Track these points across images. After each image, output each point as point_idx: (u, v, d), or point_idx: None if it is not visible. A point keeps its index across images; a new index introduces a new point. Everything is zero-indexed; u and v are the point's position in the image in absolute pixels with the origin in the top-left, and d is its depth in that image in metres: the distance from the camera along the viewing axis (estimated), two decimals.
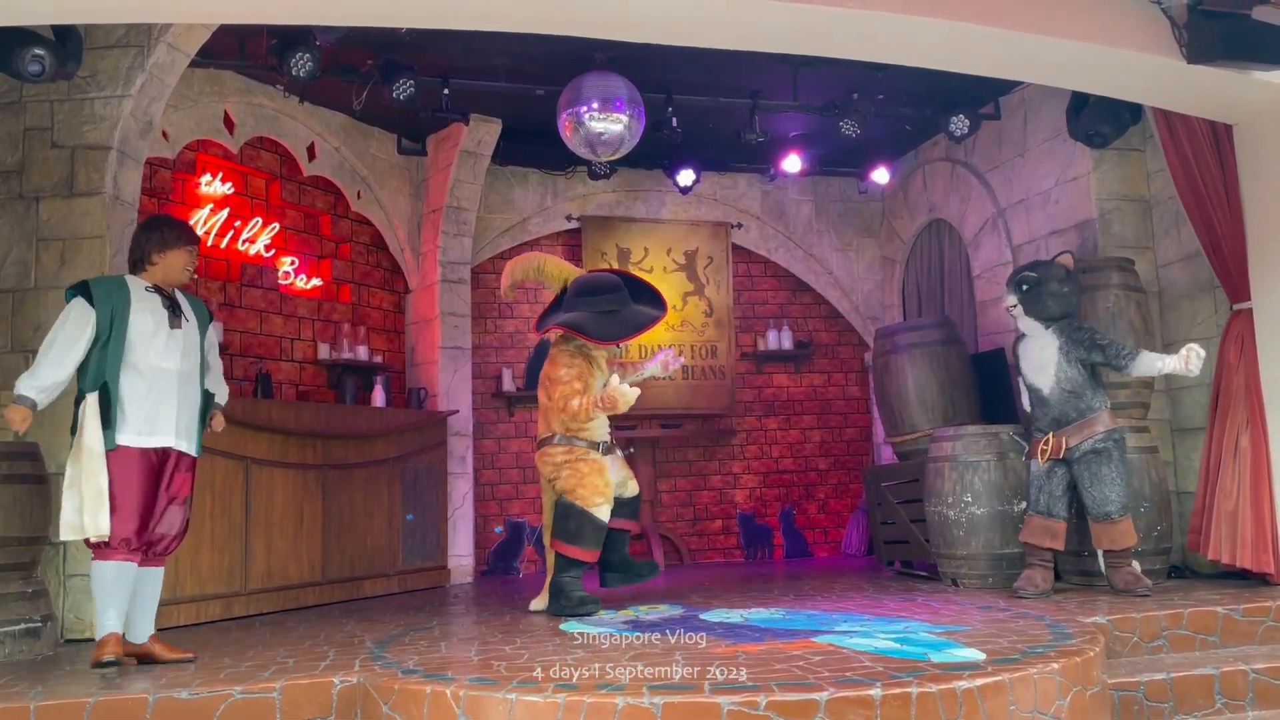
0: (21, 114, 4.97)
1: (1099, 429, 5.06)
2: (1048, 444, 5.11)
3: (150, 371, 4.01)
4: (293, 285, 6.87)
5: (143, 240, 4.16)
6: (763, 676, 3.17)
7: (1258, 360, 5.20)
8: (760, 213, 8.57)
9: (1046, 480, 5.14)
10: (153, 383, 4.01)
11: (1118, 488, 5.01)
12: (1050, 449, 5.10)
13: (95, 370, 3.94)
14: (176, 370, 4.08)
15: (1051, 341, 5.15)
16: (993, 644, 3.65)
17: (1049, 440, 5.11)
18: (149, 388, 3.99)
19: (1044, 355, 5.16)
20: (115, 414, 3.93)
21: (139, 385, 3.98)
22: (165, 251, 4.14)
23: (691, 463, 8.38)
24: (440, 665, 3.64)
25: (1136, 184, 6.19)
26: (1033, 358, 5.22)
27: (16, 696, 3.39)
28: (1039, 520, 5.14)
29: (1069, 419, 5.09)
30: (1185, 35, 4.49)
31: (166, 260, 4.15)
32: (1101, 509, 5.01)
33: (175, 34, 5.00)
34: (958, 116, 6.62)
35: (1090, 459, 5.04)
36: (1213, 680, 3.91)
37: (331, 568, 6.06)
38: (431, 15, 4.19)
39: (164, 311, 4.10)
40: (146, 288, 4.12)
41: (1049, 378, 5.14)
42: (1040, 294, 5.13)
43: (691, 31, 4.40)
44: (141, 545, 3.97)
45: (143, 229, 4.22)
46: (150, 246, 4.14)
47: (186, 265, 4.21)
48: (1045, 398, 5.16)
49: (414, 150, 7.52)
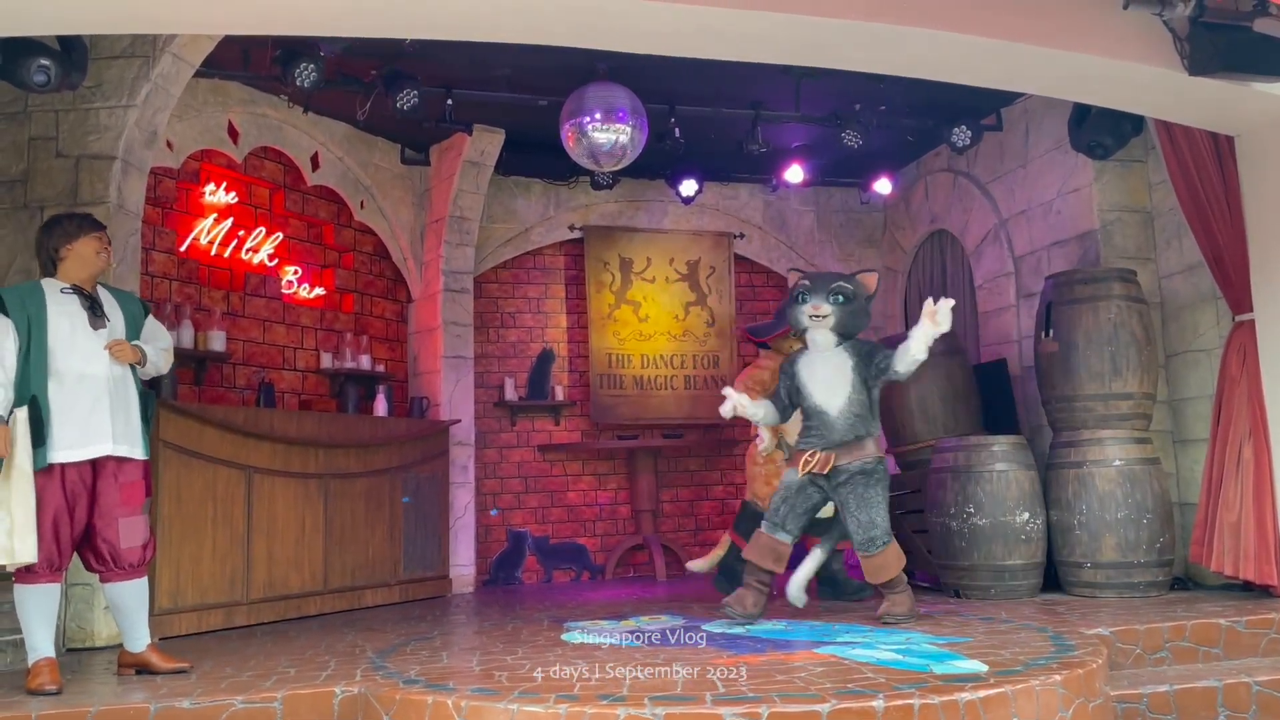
0: (26, 123, 4.99)
1: (869, 454, 4.74)
2: (814, 456, 4.72)
3: (75, 378, 3.81)
4: (296, 295, 6.88)
5: (45, 239, 3.97)
6: (764, 687, 3.16)
7: (1260, 371, 5.19)
8: (762, 223, 8.59)
9: (797, 494, 4.77)
10: (81, 390, 3.81)
11: (883, 512, 4.73)
12: (816, 463, 4.71)
13: (20, 383, 3.72)
14: (105, 375, 3.87)
15: (845, 361, 4.78)
16: (995, 655, 3.64)
17: (816, 454, 4.72)
18: (77, 396, 3.79)
19: (838, 376, 4.76)
20: (47, 429, 3.73)
21: (67, 394, 3.78)
22: (71, 243, 3.94)
23: (693, 473, 8.38)
24: (442, 675, 3.64)
25: (1138, 195, 6.20)
26: (823, 377, 4.79)
27: (18, 705, 3.39)
28: (767, 539, 4.76)
29: (846, 443, 4.74)
30: (1186, 47, 4.50)
31: (76, 251, 3.94)
32: (868, 533, 4.68)
33: (180, 44, 5.02)
34: (960, 127, 6.63)
35: (859, 480, 4.71)
36: (1216, 693, 3.90)
37: (333, 577, 6.05)
38: (435, 26, 4.20)
39: (83, 312, 3.90)
40: (63, 289, 3.90)
41: (841, 399, 4.74)
42: (853, 309, 4.76)
43: (694, 43, 4.41)
44: (64, 566, 3.80)
45: (43, 229, 4.03)
46: (54, 242, 3.94)
47: (99, 252, 3.97)
48: (831, 420, 4.74)
49: (417, 160, 7.55)
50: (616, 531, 8.11)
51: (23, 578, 3.75)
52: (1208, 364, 5.72)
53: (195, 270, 6.28)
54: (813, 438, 4.80)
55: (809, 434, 4.84)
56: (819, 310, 4.73)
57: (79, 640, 4.70)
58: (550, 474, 8.04)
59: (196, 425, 5.27)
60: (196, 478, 5.23)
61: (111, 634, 4.75)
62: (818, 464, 4.71)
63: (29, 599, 3.76)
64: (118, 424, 3.90)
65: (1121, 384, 5.56)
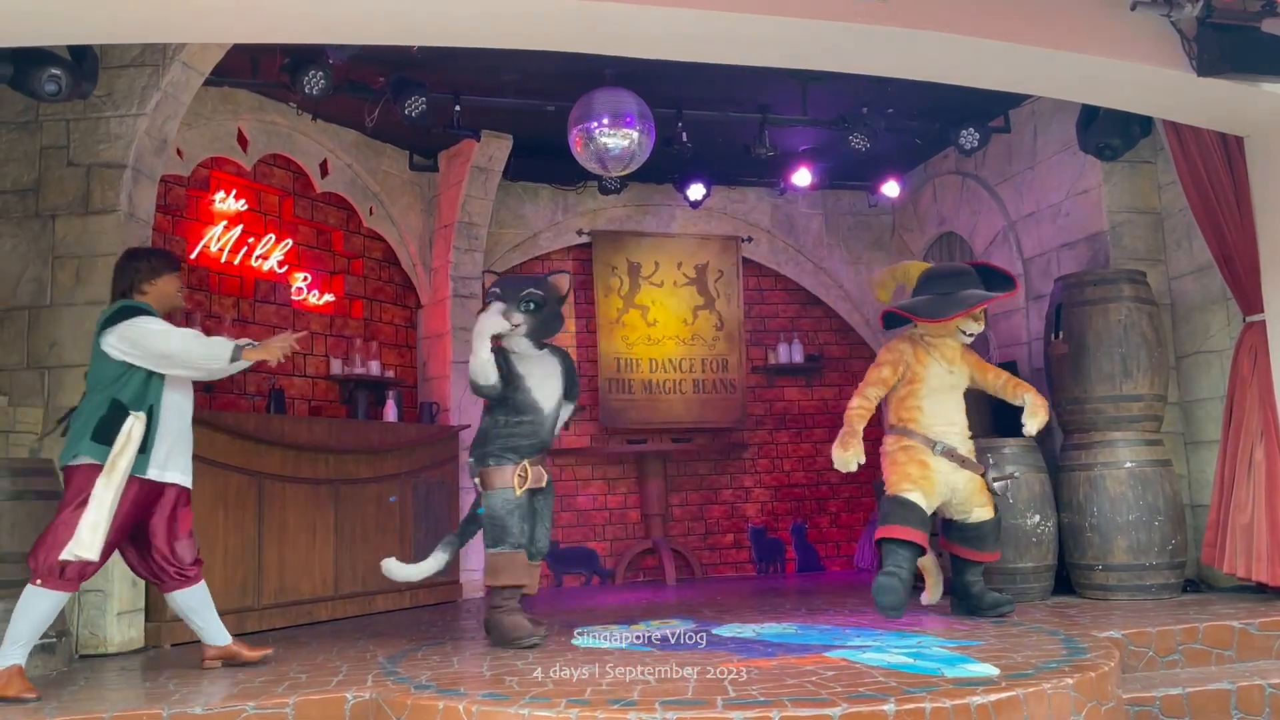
0: (38, 133, 5.02)
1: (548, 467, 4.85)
2: (525, 473, 4.62)
3: (173, 407, 4.05)
4: (305, 301, 6.90)
5: (130, 273, 4.13)
6: (775, 692, 3.16)
7: (1271, 372, 5.17)
8: (770, 226, 8.58)
9: (529, 513, 4.66)
10: (172, 416, 4.04)
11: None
12: (530, 479, 4.64)
13: (141, 392, 3.93)
14: (189, 407, 4.15)
15: (555, 366, 4.82)
16: (1007, 659, 3.63)
17: (526, 469, 4.63)
18: (170, 420, 4.02)
19: (551, 380, 4.78)
20: (151, 442, 3.93)
21: (168, 419, 4.02)
22: (155, 280, 4.14)
23: (703, 476, 8.37)
24: (453, 681, 3.64)
25: (1147, 196, 6.18)
26: (540, 375, 4.76)
27: (32, 713, 3.41)
28: (523, 558, 4.59)
29: (546, 448, 4.77)
30: (1194, 48, 4.49)
31: (158, 288, 4.14)
32: (540, 545, 4.75)
33: (189, 53, 5.04)
34: (967, 130, 6.62)
35: (548, 491, 4.81)
36: (1229, 695, 3.89)
37: (344, 583, 6.06)
38: (443, 34, 4.22)
39: None
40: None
41: (553, 399, 4.75)
42: (545, 315, 4.73)
43: (701, 48, 4.42)
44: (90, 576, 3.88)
45: (127, 259, 4.20)
46: (139, 277, 4.12)
47: (180, 290, 4.25)
48: (545, 419, 4.72)
49: (426, 166, 7.57)
50: (626, 536, 8.11)
51: (51, 583, 3.74)
52: (1219, 365, 5.70)
53: (205, 277, 6.30)
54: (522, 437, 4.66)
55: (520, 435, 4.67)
56: (514, 321, 4.65)
57: (91, 647, 4.72)
58: (559, 479, 8.03)
59: (207, 432, 5.29)
60: (207, 484, 5.24)
61: (124, 640, 4.77)
62: (532, 480, 4.64)
63: (44, 603, 3.75)
64: (187, 455, 4.14)
65: (1132, 386, 5.54)
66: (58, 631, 4.37)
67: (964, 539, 5.01)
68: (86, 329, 4.83)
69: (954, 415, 5.05)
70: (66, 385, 4.81)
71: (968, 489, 4.96)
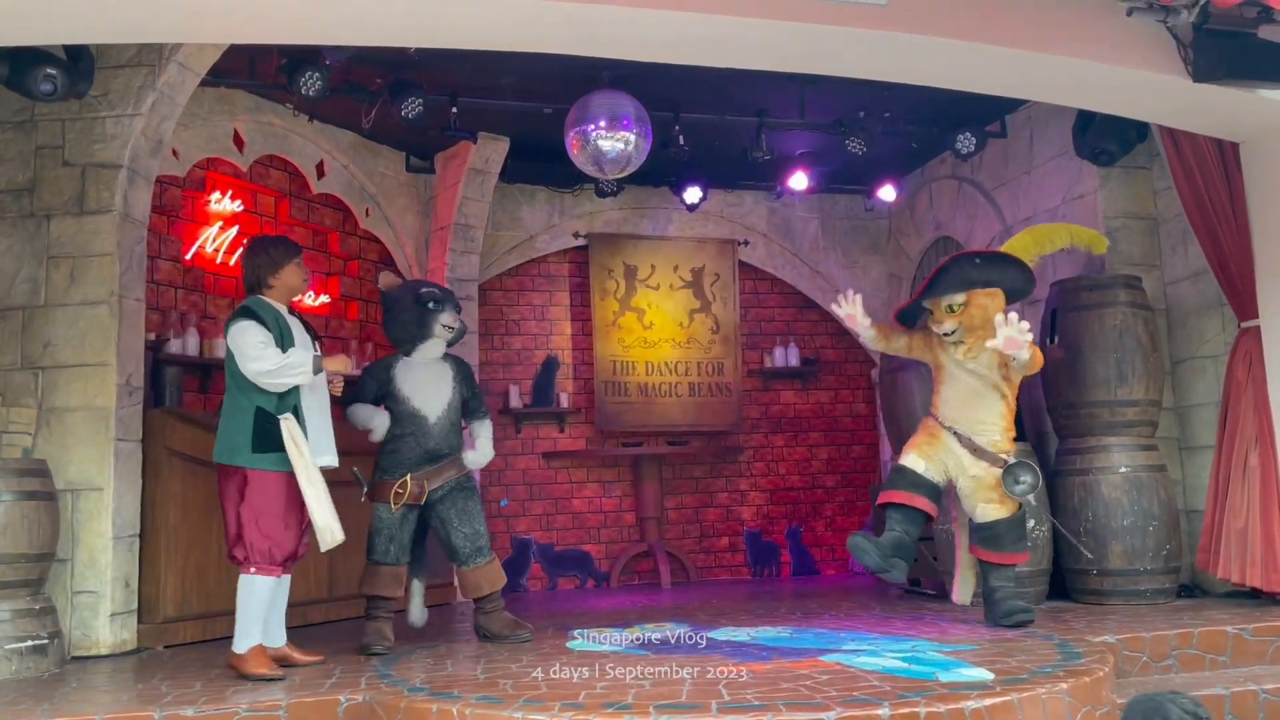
0: (33, 132, 5.01)
1: (459, 470, 4.82)
2: (405, 487, 4.64)
3: (311, 394, 4.17)
4: (301, 302, 6.88)
5: (254, 264, 4.24)
6: (770, 696, 3.16)
7: (1266, 378, 5.18)
8: (767, 230, 8.59)
9: (399, 529, 4.67)
10: (314, 403, 4.18)
11: (484, 522, 4.84)
12: (409, 494, 4.65)
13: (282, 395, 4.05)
14: (324, 391, 4.27)
15: (446, 371, 4.85)
16: (1001, 663, 3.63)
17: (407, 483, 4.65)
18: (312, 409, 4.16)
19: (439, 384, 4.81)
20: (307, 436, 4.08)
21: (310, 407, 4.15)
22: (279, 271, 4.24)
23: (698, 480, 8.37)
24: (447, 683, 3.63)
25: (1143, 201, 6.19)
26: (423, 383, 4.78)
27: (24, 714, 3.40)
28: (389, 570, 4.67)
29: (440, 455, 4.75)
30: (1191, 54, 4.50)
31: (283, 279, 4.25)
32: (475, 544, 4.75)
33: (186, 54, 5.03)
34: (964, 134, 6.63)
35: (456, 496, 4.77)
36: (1223, 700, 3.89)
37: (339, 584, 6.04)
38: (440, 35, 4.21)
39: (306, 334, 4.28)
40: (288, 310, 4.25)
41: (440, 406, 4.76)
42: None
43: (699, 51, 4.42)
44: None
45: (249, 253, 4.30)
46: (264, 270, 4.22)
47: (305, 278, 4.34)
48: (430, 428, 4.72)
49: (422, 168, 7.56)
50: (621, 539, 8.10)
51: (266, 569, 4.03)
52: (1214, 371, 5.70)
53: (201, 278, 6.29)
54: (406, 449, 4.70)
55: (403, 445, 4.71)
56: (452, 322, 4.79)
57: (84, 648, 4.70)
58: (555, 481, 8.04)
59: (203, 433, 5.26)
60: (202, 486, 5.22)
61: (116, 642, 4.75)
62: (410, 496, 4.66)
63: (260, 589, 4.03)
64: (330, 435, 4.30)
65: (1127, 391, 5.55)
66: (50, 632, 4.36)
67: (980, 539, 4.79)
68: (80, 329, 4.84)
69: (983, 415, 4.73)
70: (60, 385, 4.80)
71: (975, 479, 4.73)
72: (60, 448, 4.74)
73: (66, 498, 4.70)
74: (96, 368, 4.82)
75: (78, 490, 4.75)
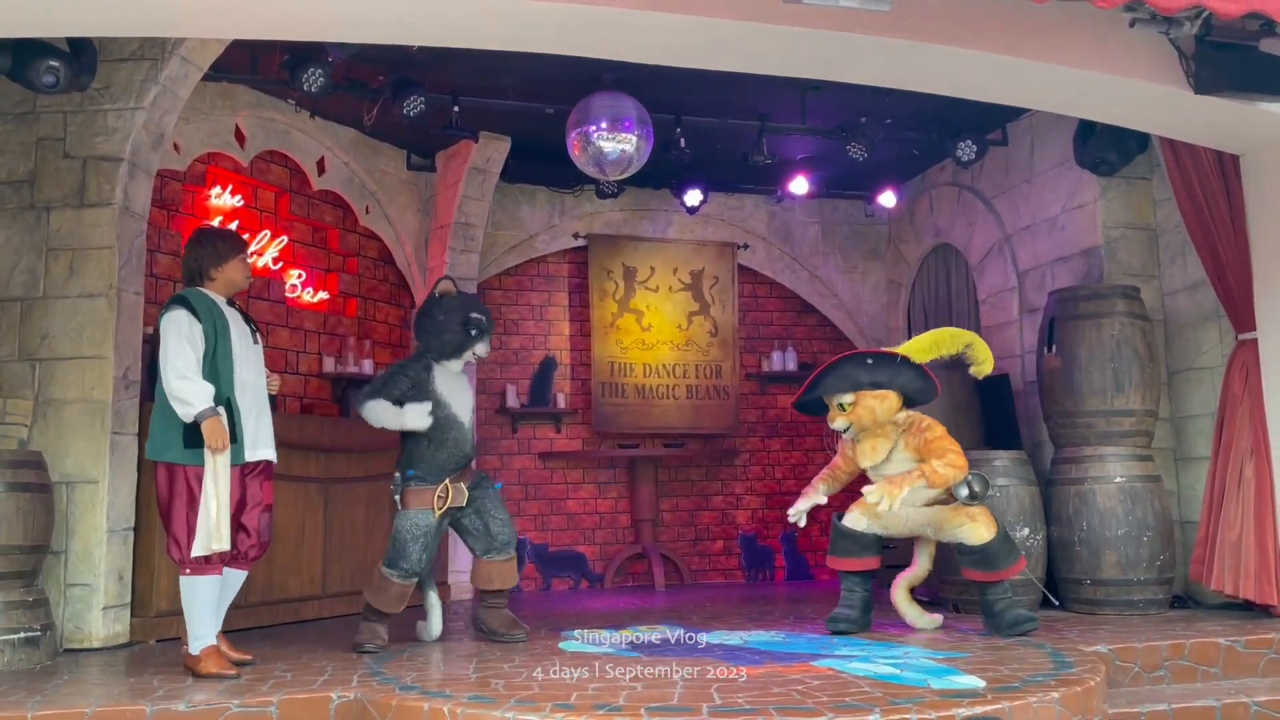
0: (35, 124, 5.01)
1: (474, 470, 4.92)
2: (446, 492, 4.67)
3: (246, 387, 4.12)
4: (299, 299, 6.89)
5: (199, 258, 4.19)
6: (761, 700, 3.16)
7: (1262, 390, 5.19)
8: (766, 234, 8.59)
9: (434, 537, 4.70)
10: (247, 397, 4.12)
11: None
12: (451, 497, 4.68)
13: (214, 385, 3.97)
14: (262, 385, 4.25)
15: (463, 376, 4.93)
16: (993, 671, 3.64)
17: (447, 489, 4.67)
18: (247, 403, 4.11)
19: (466, 390, 4.90)
20: (238, 430, 4.03)
21: (244, 401, 4.09)
22: (223, 264, 4.19)
23: (694, 483, 8.37)
24: (439, 682, 3.64)
25: (1143, 212, 6.20)
26: (455, 389, 4.82)
27: (15, 706, 3.39)
28: (400, 588, 4.62)
29: (471, 459, 4.84)
30: (1193, 66, 4.51)
31: (225, 273, 4.20)
32: (502, 539, 4.80)
33: (189, 48, 5.04)
34: (965, 142, 6.64)
35: (479, 494, 4.82)
36: (1214, 712, 3.90)
37: (332, 582, 6.04)
38: (443, 35, 4.22)
39: (245, 326, 4.23)
40: (226, 303, 4.20)
41: (468, 411, 4.84)
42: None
43: (702, 55, 4.42)
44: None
45: (193, 244, 4.26)
46: (207, 263, 4.18)
47: (247, 275, 4.31)
48: (466, 433, 4.78)
49: (423, 166, 7.56)
50: (616, 540, 8.10)
51: (199, 569, 3.94)
52: (1210, 382, 5.71)
53: None
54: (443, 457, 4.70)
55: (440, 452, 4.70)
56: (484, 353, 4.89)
57: (76, 641, 4.69)
58: (551, 481, 8.04)
59: None
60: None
61: (109, 635, 4.75)
62: (452, 499, 4.70)
63: (202, 589, 3.96)
64: (269, 428, 4.24)
65: (1124, 401, 5.56)
66: (42, 625, 4.36)
67: (972, 563, 4.73)
68: (79, 322, 4.83)
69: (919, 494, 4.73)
70: (57, 377, 4.80)
71: (937, 514, 4.76)
72: (56, 440, 4.74)
73: (62, 490, 4.69)
74: (94, 360, 4.82)
75: (73, 483, 4.75)
